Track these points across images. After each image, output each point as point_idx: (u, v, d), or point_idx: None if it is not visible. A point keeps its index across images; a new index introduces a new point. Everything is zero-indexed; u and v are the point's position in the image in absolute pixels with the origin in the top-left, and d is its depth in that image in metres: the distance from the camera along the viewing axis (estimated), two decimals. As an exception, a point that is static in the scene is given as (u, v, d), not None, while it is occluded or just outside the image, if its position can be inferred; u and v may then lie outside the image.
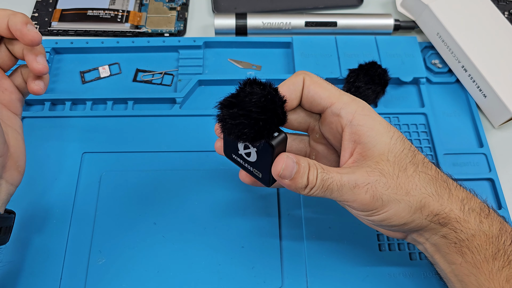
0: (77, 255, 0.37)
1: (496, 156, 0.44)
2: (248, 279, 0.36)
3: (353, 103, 0.30)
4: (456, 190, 0.30)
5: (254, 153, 0.29)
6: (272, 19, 0.50)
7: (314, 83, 0.30)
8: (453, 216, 0.29)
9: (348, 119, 0.29)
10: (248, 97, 0.26)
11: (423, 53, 0.50)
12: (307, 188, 0.28)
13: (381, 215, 0.29)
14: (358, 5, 0.54)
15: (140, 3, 0.52)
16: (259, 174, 0.30)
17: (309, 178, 0.28)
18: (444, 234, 0.30)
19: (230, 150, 0.31)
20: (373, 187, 0.28)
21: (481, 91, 0.45)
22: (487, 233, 0.29)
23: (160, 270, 0.36)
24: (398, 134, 0.30)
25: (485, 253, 0.29)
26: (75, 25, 0.50)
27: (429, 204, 0.29)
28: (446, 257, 0.30)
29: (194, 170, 0.41)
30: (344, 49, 0.48)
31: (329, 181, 0.28)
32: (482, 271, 0.29)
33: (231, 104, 0.26)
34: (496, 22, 0.48)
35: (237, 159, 0.31)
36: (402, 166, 0.29)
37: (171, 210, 0.39)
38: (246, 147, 0.29)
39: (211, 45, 0.49)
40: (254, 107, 0.26)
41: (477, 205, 0.30)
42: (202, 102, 0.45)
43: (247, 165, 0.31)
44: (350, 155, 0.30)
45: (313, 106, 0.31)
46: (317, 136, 0.33)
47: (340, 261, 0.37)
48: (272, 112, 0.26)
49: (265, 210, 0.39)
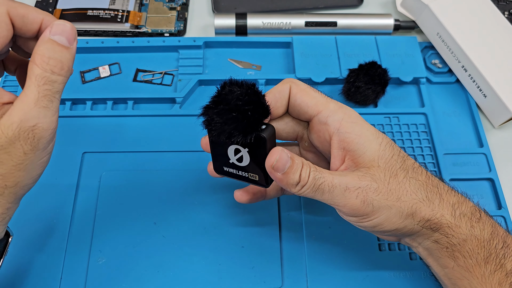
0: (77, 255, 0.37)
1: (496, 156, 0.44)
2: (248, 279, 0.36)
3: (340, 111, 0.30)
4: (447, 195, 0.30)
5: (246, 155, 0.29)
6: (272, 19, 0.50)
7: (301, 91, 0.30)
8: (444, 221, 0.29)
9: (335, 127, 0.29)
10: (230, 95, 0.27)
11: (423, 53, 0.50)
12: (299, 186, 0.28)
13: (372, 221, 0.29)
14: (358, 5, 0.54)
15: (140, 3, 0.52)
16: (255, 177, 0.30)
17: (301, 175, 0.28)
18: (435, 239, 0.30)
19: (220, 164, 0.31)
20: (364, 192, 0.28)
21: (481, 91, 0.45)
22: (478, 237, 0.29)
23: (160, 270, 0.36)
24: (387, 140, 0.30)
25: (477, 257, 0.29)
26: (75, 25, 0.50)
27: (420, 210, 0.29)
28: (438, 261, 0.30)
29: (194, 170, 0.41)
30: (344, 49, 0.48)
31: (320, 180, 0.28)
32: (475, 275, 0.29)
33: (216, 103, 0.27)
34: (496, 22, 0.48)
35: (229, 170, 0.31)
36: (392, 172, 0.29)
37: (171, 210, 0.39)
38: (236, 152, 0.29)
39: (211, 45, 0.49)
40: (238, 101, 0.26)
41: (468, 210, 0.30)
42: (202, 102, 0.45)
43: (241, 172, 0.30)
44: (341, 162, 0.30)
45: (300, 114, 0.31)
46: (306, 144, 0.33)
47: (340, 261, 0.37)
48: (256, 103, 0.27)
49: (265, 210, 0.39)
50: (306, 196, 0.29)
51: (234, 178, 0.31)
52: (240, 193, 0.34)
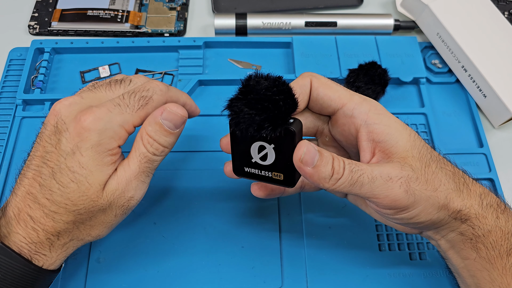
0: (77, 255, 0.37)
1: (496, 156, 0.44)
2: (248, 279, 0.36)
3: (365, 103, 0.29)
4: (473, 185, 0.30)
5: (271, 152, 0.27)
6: (272, 19, 0.50)
7: (323, 84, 0.29)
8: (473, 212, 0.29)
9: (363, 119, 0.28)
10: (259, 85, 0.25)
11: (423, 53, 0.50)
12: (333, 179, 0.26)
13: (409, 212, 0.28)
14: (358, 5, 0.54)
15: (140, 3, 0.52)
16: (280, 176, 0.28)
17: (334, 168, 0.26)
18: (462, 230, 0.29)
19: (241, 164, 0.29)
20: (407, 182, 0.27)
21: (481, 91, 0.45)
22: (503, 228, 0.29)
23: (160, 270, 0.36)
24: (414, 132, 0.29)
25: (500, 249, 0.28)
26: (75, 25, 0.50)
27: (453, 200, 0.28)
28: (460, 252, 0.30)
29: (194, 170, 0.41)
30: (344, 49, 0.48)
31: (359, 172, 0.26)
32: (496, 266, 0.28)
33: (244, 94, 0.25)
34: (496, 22, 0.48)
35: (251, 170, 0.29)
36: (426, 162, 0.28)
37: (171, 210, 0.39)
38: (260, 149, 0.28)
39: (211, 45, 0.49)
40: (268, 91, 0.25)
41: (494, 201, 0.30)
42: (202, 102, 0.45)
43: (264, 172, 0.29)
44: (371, 155, 0.29)
45: (323, 108, 0.30)
46: (326, 139, 0.32)
47: (340, 261, 0.37)
48: (286, 94, 0.26)
49: (265, 210, 0.39)
50: (339, 191, 0.27)
51: (255, 179, 0.30)
52: (257, 186, 0.32)
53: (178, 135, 0.30)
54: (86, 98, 0.29)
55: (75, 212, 0.28)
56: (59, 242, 0.29)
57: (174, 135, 0.30)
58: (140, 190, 0.30)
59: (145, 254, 0.37)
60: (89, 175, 0.27)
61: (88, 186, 0.27)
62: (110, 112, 0.28)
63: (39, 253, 0.28)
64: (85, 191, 0.27)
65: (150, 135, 0.28)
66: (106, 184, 0.28)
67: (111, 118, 0.28)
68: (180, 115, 0.29)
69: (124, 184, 0.28)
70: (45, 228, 0.28)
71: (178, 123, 0.29)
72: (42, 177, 0.28)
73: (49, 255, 0.29)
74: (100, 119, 0.27)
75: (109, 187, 0.28)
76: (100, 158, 0.28)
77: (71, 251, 0.30)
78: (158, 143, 0.29)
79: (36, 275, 0.28)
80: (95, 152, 0.27)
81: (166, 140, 0.29)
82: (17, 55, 0.48)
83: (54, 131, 0.28)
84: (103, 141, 0.28)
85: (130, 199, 0.29)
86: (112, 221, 0.30)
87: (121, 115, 0.28)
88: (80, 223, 0.29)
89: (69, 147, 0.27)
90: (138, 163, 0.29)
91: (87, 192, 0.28)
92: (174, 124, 0.29)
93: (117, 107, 0.28)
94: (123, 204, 0.29)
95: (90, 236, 0.30)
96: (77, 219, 0.28)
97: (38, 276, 0.28)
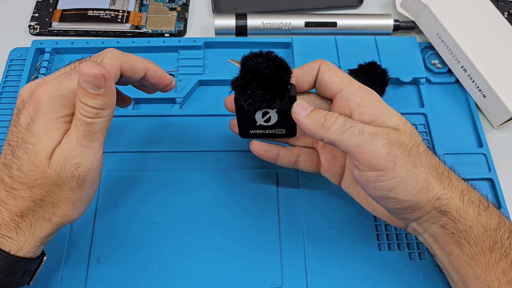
0: (77, 255, 0.37)
1: (495, 156, 0.44)
2: (248, 279, 0.36)
3: (362, 89, 0.31)
4: (457, 181, 0.30)
5: (274, 115, 0.32)
6: (272, 19, 0.50)
7: (329, 69, 0.32)
8: (453, 204, 0.29)
9: (356, 102, 0.30)
10: (260, 66, 0.29)
11: (422, 53, 0.50)
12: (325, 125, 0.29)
13: (389, 180, 0.29)
14: (358, 6, 0.55)
15: (141, 3, 0.52)
16: (282, 131, 0.34)
17: (326, 116, 0.30)
18: (442, 223, 0.30)
19: (247, 128, 0.34)
20: (390, 144, 0.28)
21: (480, 91, 0.45)
22: (485, 225, 0.29)
23: (160, 270, 0.37)
24: (407, 121, 0.31)
25: (483, 245, 0.29)
26: (76, 25, 0.50)
27: (433, 186, 0.29)
28: (444, 248, 0.31)
29: (194, 170, 0.41)
30: (344, 49, 0.48)
31: (351, 123, 0.29)
32: (479, 263, 0.29)
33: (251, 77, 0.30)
34: (495, 22, 0.48)
35: (256, 131, 0.34)
36: (413, 143, 0.29)
37: (171, 210, 0.39)
38: (264, 114, 0.32)
39: (211, 45, 0.49)
40: (271, 70, 0.29)
41: (477, 198, 0.30)
42: (202, 102, 0.46)
43: (268, 130, 0.34)
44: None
45: (325, 91, 0.32)
46: None
47: (340, 261, 0.37)
48: (283, 67, 0.30)
49: (265, 210, 0.39)
50: (331, 140, 0.30)
51: (260, 137, 0.35)
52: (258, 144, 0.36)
53: (108, 95, 0.28)
54: (47, 78, 0.30)
55: (28, 185, 0.28)
56: (25, 223, 0.28)
57: (102, 96, 0.28)
58: (87, 156, 0.28)
59: (145, 254, 0.37)
60: (38, 142, 0.28)
61: (36, 154, 0.27)
62: (61, 81, 0.28)
63: (5, 236, 0.28)
64: (34, 160, 0.27)
65: (80, 99, 0.28)
66: (52, 153, 0.28)
67: (61, 86, 0.28)
68: (92, 74, 0.27)
69: (67, 151, 0.28)
70: (8, 208, 0.28)
71: (97, 83, 0.27)
72: (6, 157, 0.28)
73: (16, 238, 0.28)
74: (50, 88, 0.28)
75: (54, 156, 0.28)
76: (51, 124, 0.28)
77: (42, 235, 0.29)
78: (89, 106, 0.28)
79: (5, 262, 0.28)
80: (46, 119, 0.28)
81: (95, 102, 0.28)
82: (17, 55, 0.48)
83: (16, 113, 0.29)
84: (54, 107, 0.28)
85: (77, 166, 0.28)
86: (71, 196, 0.29)
87: (71, 82, 0.28)
88: (41, 200, 0.28)
89: (26, 122, 0.28)
90: (76, 128, 0.28)
91: (35, 161, 0.27)
92: (94, 84, 0.27)
93: (68, 75, 0.29)
94: (73, 174, 0.28)
95: (56, 216, 0.29)
96: (34, 194, 0.28)
97: (6, 262, 0.28)
